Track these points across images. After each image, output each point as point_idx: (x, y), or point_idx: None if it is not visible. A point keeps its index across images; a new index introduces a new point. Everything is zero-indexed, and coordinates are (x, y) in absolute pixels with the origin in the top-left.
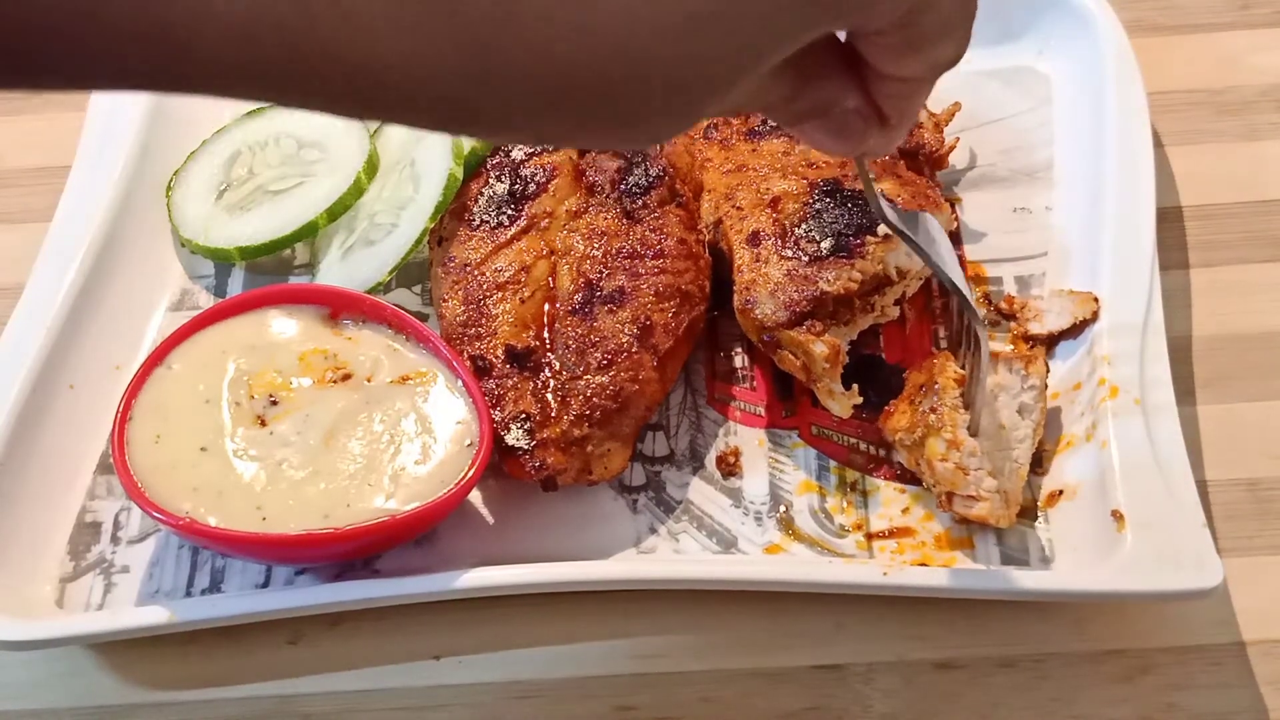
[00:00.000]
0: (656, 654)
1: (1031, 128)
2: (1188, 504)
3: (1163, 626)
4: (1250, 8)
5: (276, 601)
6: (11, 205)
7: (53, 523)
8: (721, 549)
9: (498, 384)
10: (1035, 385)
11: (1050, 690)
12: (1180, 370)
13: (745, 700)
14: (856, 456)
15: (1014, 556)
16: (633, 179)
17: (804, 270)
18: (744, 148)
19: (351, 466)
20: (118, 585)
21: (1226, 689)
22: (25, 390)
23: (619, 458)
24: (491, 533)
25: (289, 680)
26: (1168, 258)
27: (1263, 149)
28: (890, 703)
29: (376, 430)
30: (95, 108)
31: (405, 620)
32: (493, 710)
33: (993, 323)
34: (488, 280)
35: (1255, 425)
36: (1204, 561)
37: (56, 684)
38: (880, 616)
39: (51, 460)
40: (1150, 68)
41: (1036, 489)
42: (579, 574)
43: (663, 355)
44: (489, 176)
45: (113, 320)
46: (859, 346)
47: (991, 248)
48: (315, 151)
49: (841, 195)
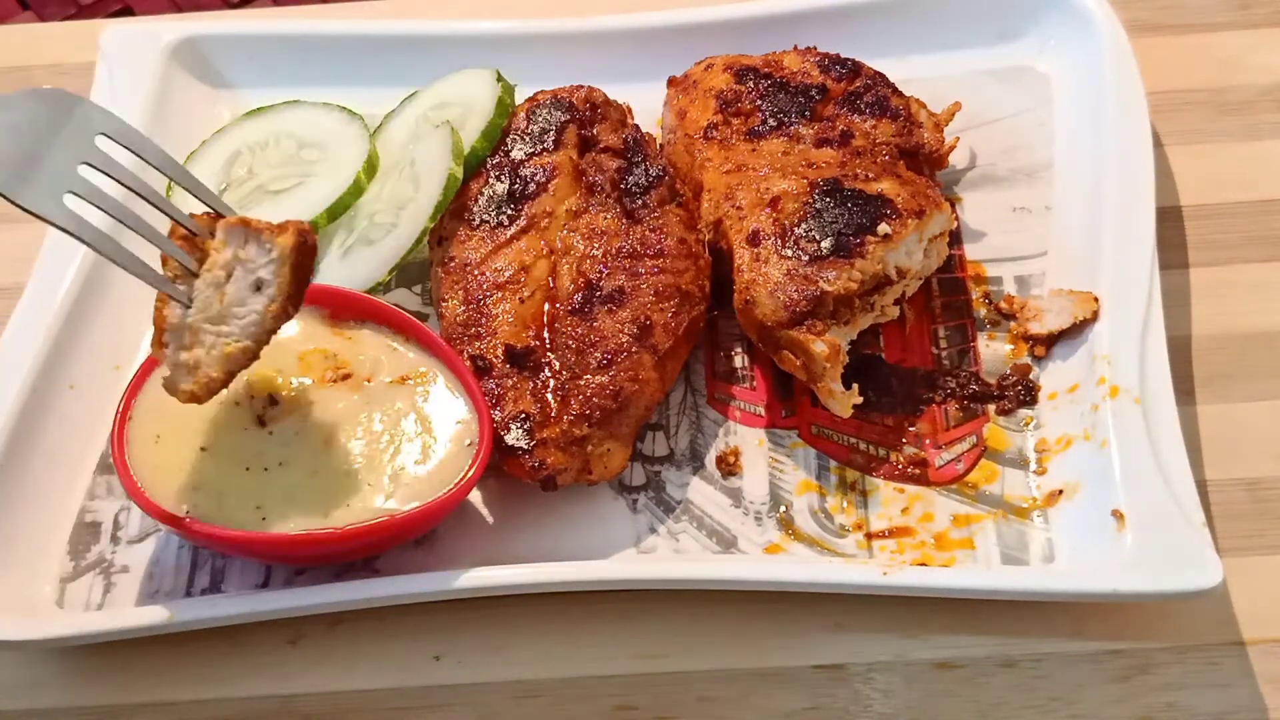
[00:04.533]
0: (656, 654)
1: (1031, 128)
2: (1188, 504)
3: (1162, 626)
4: (1250, 8)
5: (276, 601)
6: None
7: (53, 523)
8: (721, 549)
9: (498, 384)
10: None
11: (1050, 690)
12: (1180, 370)
13: (745, 700)
14: (856, 456)
15: (1014, 556)
16: (633, 179)
17: (804, 270)
18: (744, 148)
19: (351, 466)
20: (118, 585)
21: (1226, 688)
22: (25, 390)
23: (619, 457)
24: (491, 533)
25: (289, 680)
26: (1168, 258)
27: (1263, 149)
28: (890, 703)
29: (376, 430)
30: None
31: (405, 620)
32: (493, 710)
33: (993, 322)
34: (488, 280)
35: (1255, 425)
36: (1204, 561)
37: (56, 684)
38: (880, 616)
39: (51, 460)
40: (1150, 68)
41: (1037, 489)
42: (579, 574)
43: (662, 355)
44: (489, 176)
45: (113, 320)
46: (859, 346)
47: (991, 248)
48: (315, 151)
49: (841, 195)
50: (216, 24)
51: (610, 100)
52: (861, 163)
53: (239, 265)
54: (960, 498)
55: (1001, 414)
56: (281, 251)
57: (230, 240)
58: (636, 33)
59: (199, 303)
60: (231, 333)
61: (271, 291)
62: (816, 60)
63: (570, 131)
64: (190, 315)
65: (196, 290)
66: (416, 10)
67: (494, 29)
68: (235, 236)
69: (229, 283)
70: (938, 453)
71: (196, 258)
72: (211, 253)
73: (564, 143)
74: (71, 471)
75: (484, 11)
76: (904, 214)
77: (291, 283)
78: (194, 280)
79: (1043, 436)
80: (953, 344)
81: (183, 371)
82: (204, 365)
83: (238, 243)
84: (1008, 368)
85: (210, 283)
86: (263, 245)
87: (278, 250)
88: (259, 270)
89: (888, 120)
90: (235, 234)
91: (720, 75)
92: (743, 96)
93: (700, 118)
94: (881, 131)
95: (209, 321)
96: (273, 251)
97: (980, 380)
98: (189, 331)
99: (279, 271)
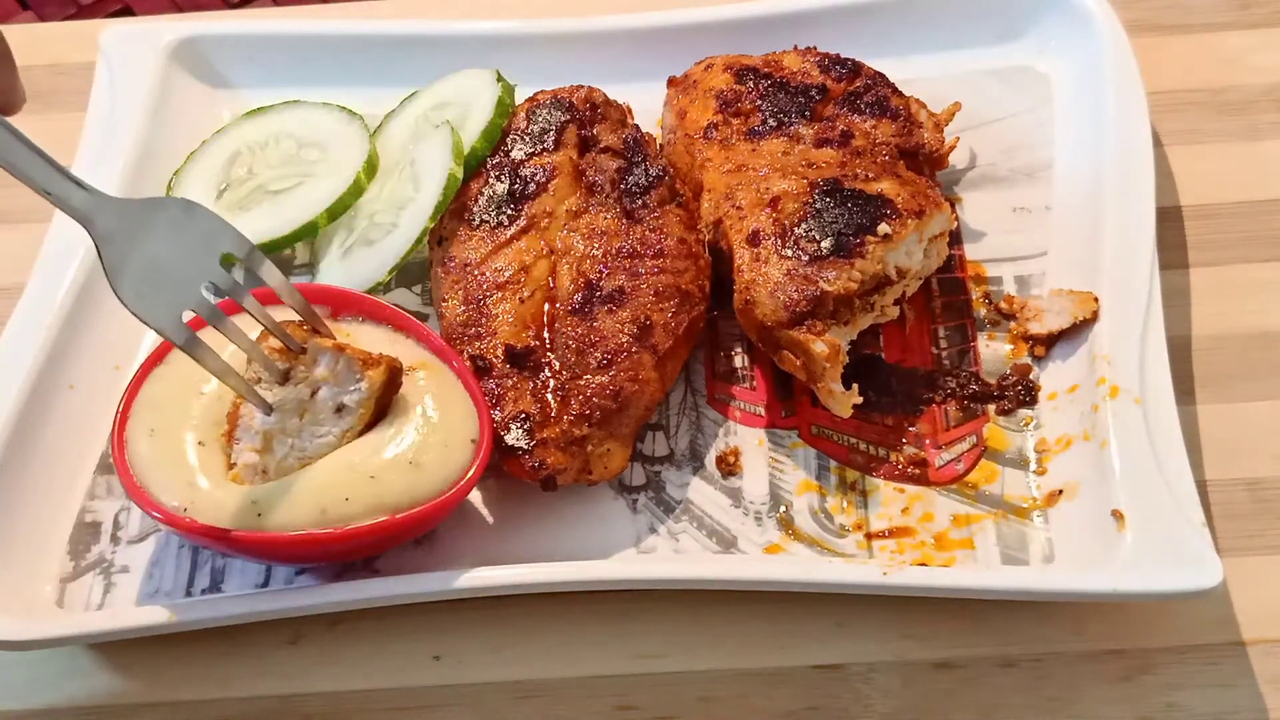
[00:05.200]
0: (656, 654)
1: (1031, 128)
2: (1187, 504)
3: (1163, 626)
4: (1250, 8)
5: (276, 601)
6: (11, 205)
7: (53, 523)
8: (721, 549)
9: (498, 384)
10: (363, 391)
11: (1050, 690)
12: (1180, 370)
13: (745, 700)
14: (856, 456)
15: (1014, 556)
16: (633, 179)
17: (804, 270)
18: (744, 148)
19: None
20: (118, 585)
21: (1226, 688)
22: (25, 390)
23: (619, 457)
24: (491, 533)
25: (289, 680)
26: (1168, 258)
27: (1263, 148)
28: (890, 703)
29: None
30: (95, 109)
31: (405, 620)
32: (492, 710)
33: (993, 322)
34: (488, 280)
35: (1255, 425)
36: (1204, 561)
37: (56, 684)
38: (880, 616)
39: (51, 460)
40: (1150, 68)
41: (1037, 489)
42: (579, 574)
43: (662, 355)
44: (489, 176)
45: (113, 320)
46: (859, 346)
47: (991, 248)
48: (315, 151)
49: (841, 195)
50: (216, 24)
51: (610, 100)
52: (861, 163)
53: (325, 386)
54: (960, 498)
55: (1001, 414)
56: (372, 386)
57: (323, 360)
58: (636, 33)
59: (280, 414)
60: (305, 449)
61: (352, 420)
62: (816, 60)
63: (570, 131)
64: (269, 423)
65: (279, 400)
66: (416, 10)
67: (494, 29)
68: (328, 358)
69: (312, 400)
70: (938, 453)
71: (284, 369)
72: (301, 366)
73: (564, 143)
74: (71, 471)
75: (484, 11)
76: (904, 214)
77: (373, 415)
78: (277, 388)
79: (1043, 436)
80: (953, 344)
81: (251, 471)
82: (270, 470)
83: (330, 364)
84: (1008, 368)
85: (295, 397)
86: (353, 373)
87: (368, 384)
88: (345, 397)
89: (888, 120)
90: (328, 356)
91: (720, 75)
92: (743, 96)
93: (700, 118)
94: (881, 131)
95: (285, 433)
96: (363, 384)
97: (980, 380)
98: (263, 437)
99: (364, 403)
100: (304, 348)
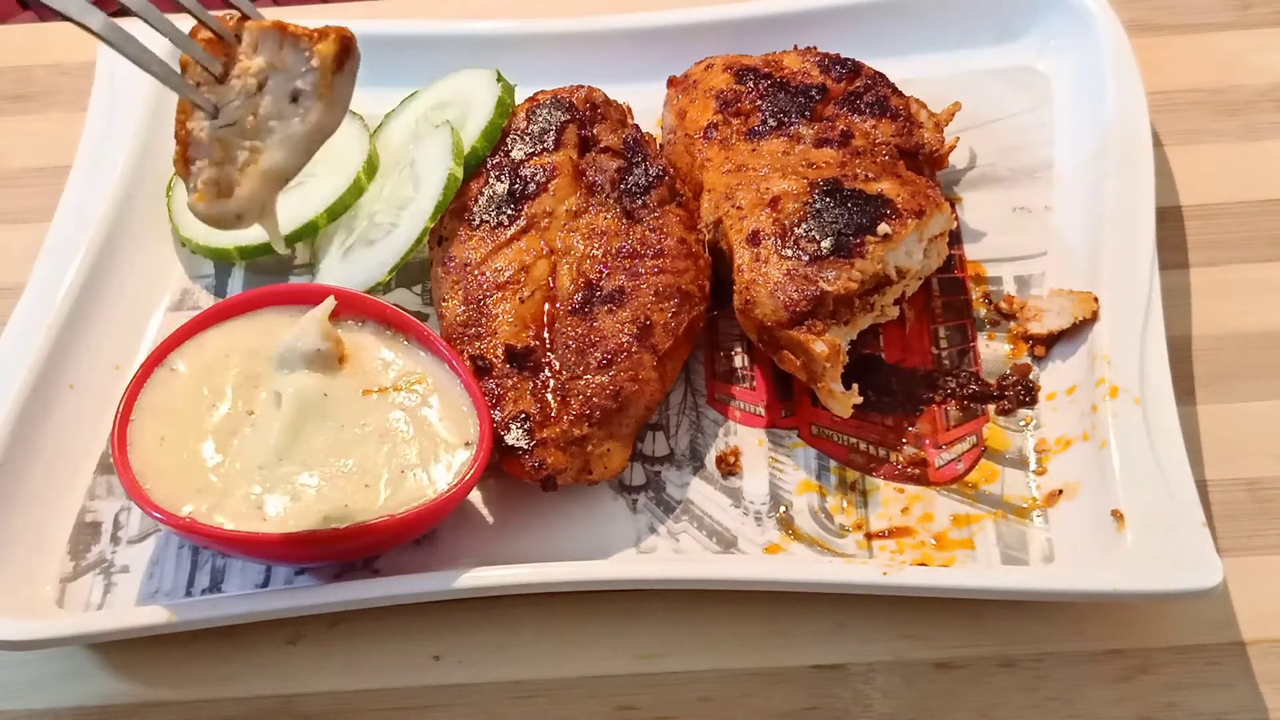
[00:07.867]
0: (656, 654)
1: (1031, 128)
2: (1187, 504)
3: (1163, 626)
4: (1250, 8)
5: (276, 601)
6: (11, 205)
7: (53, 523)
8: (721, 549)
9: (498, 384)
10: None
11: (1050, 690)
12: (1180, 370)
13: (745, 700)
14: (856, 456)
15: (1014, 556)
16: (633, 179)
17: (804, 270)
18: (744, 148)
19: (351, 466)
20: (118, 585)
21: (1226, 688)
22: (25, 390)
23: (619, 457)
24: (491, 533)
25: (289, 680)
26: (1168, 258)
27: (1263, 149)
28: (890, 703)
29: (377, 430)
30: (95, 108)
31: (405, 620)
32: (493, 710)
33: (992, 322)
34: (488, 280)
35: (1255, 425)
36: (1204, 561)
37: (56, 684)
38: (880, 616)
39: (51, 460)
40: (1150, 68)
41: (1037, 489)
42: (579, 574)
43: (662, 355)
44: (489, 176)
45: (113, 320)
46: (859, 346)
47: (991, 247)
48: None
49: (841, 195)
50: None
51: (610, 100)
52: (861, 163)
53: (273, 74)
54: (960, 498)
55: (1001, 414)
56: (323, 61)
57: (263, 46)
58: (636, 33)
59: (227, 113)
60: (268, 148)
61: (313, 104)
62: (816, 60)
63: (570, 131)
64: (217, 127)
65: (223, 99)
66: (416, 10)
67: (494, 29)
68: (269, 42)
69: (261, 93)
70: (938, 453)
71: (221, 63)
72: (240, 59)
73: (564, 143)
74: (71, 471)
75: (484, 11)
76: (904, 214)
77: (334, 93)
78: (219, 87)
79: (1043, 437)
80: (953, 344)
81: (213, 189)
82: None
83: (271, 49)
84: (1008, 368)
85: (240, 91)
86: (301, 53)
87: (319, 59)
88: (297, 80)
89: (888, 120)
90: (269, 39)
91: (720, 75)
92: (743, 96)
93: (700, 118)
94: (881, 131)
95: (240, 135)
96: (313, 60)
97: (980, 380)
98: (218, 145)
99: (320, 83)
100: (238, 35)
